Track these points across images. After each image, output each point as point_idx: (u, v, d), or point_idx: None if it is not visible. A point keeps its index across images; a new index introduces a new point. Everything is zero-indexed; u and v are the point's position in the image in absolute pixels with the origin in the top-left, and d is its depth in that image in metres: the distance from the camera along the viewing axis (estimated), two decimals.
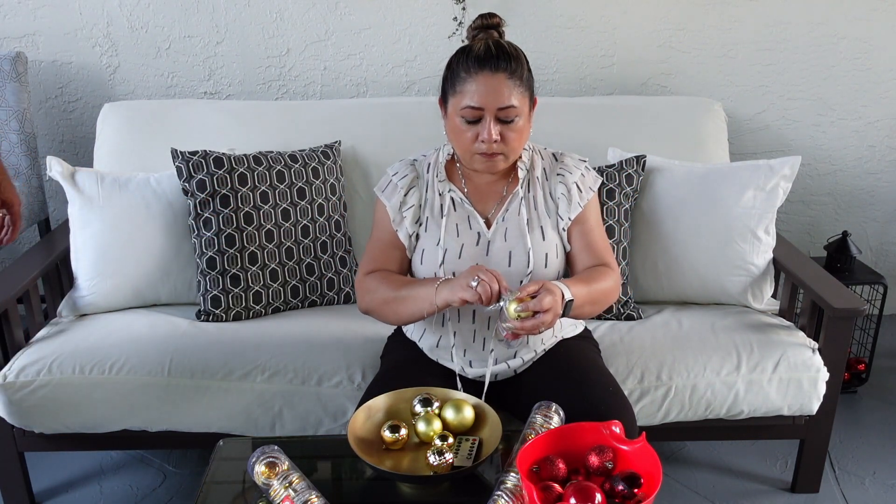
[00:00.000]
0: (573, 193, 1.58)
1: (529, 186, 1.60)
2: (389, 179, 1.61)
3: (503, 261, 1.55)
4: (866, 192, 2.76)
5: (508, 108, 1.44)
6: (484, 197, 1.60)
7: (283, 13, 2.50)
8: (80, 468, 2.11)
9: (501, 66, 1.44)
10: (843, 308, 1.79)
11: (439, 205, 1.58)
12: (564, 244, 1.60)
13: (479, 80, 1.43)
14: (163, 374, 1.77)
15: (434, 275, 1.55)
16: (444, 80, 1.51)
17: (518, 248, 1.55)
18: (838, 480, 2.07)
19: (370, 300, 1.58)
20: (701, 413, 1.84)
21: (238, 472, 1.38)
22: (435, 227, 1.57)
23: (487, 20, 1.51)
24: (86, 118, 2.60)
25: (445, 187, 1.59)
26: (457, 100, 1.47)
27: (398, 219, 1.59)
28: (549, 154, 1.64)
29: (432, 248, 1.56)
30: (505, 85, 1.44)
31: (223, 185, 1.97)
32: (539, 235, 1.56)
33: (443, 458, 1.28)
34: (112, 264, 1.97)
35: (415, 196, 1.59)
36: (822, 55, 2.58)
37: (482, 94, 1.43)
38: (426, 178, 1.61)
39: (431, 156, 1.64)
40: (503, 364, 1.60)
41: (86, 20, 2.49)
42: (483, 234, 1.57)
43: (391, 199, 1.59)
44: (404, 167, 1.62)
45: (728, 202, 2.00)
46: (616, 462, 1.19)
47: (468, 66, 1.45)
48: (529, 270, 1.53)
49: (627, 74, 2.60)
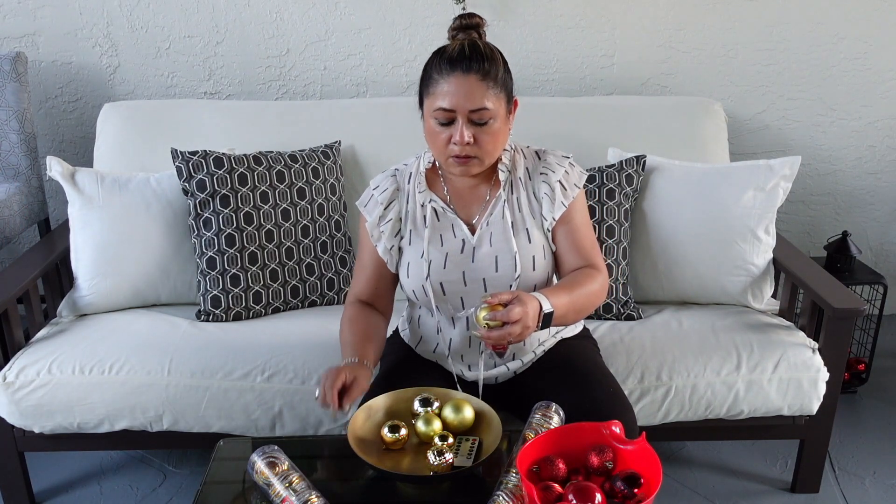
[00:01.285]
0: (557, 192, 1.52)
1: (512, 188, 1.55)
2: (371, 194, 1.59)
3: (489, 266, 1.52)
4: (866, 192, 2.76)
5: (481, 111, 1.40)
6: (467, 203, 1.56)
7: (283, 13, 2.50)
8: (80, 468, 2.11)
9: (474, 68, 1.40)
10: (843, 308, 1.79)
11: (421, 216, 1.55)
12: (551, 245, 1.56)
13: (450, 82, 1.40)
14: (163, 374, 1.77)
15: (421, 287, 1.53)
16: (420, 83, 1.48)
17: (504, 253, 1.51)
18: (838, 480, 2.07)
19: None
20: (701, 413, 1.84)
21: (238, 472, 1.38)
22: (418, 239, 1.54)
23: (467, 20, 1.48)
24: (86, 118, 2.60)
25: (426, 197, 1.55)
26: (430, 101, 1.43)
27: (376, 234, 1.56)
28: (532, 152, 1.59)
29: (417, 260, 1.53)
30: (477, 87, 1.40)
31: (223, 185, 1.97)
32: (525, 238, 1.52)
33: (443, 458, 1.28)
34: (112, 264, 1.97)
35: (394, 210, 1.56)
36: (822, 55, 2.58)
37: (453, 95, 1.40)
38: (406, 189, 1.57)
39: (412, 164, 1.60)
40: (502, 367, 1.60)
41: (86, 20, 2.49)
42: (468, 241, 1.53)
43: (371, 214, 1.57)
44: (385, 180, 1.59)
45: (728, 202, 2.00)
46: (616, 462, 1.19)
47: (440, 68, 1.42)
48: (517, 274, 1.50)
49: (627, 74, 2.60)
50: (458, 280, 1.52)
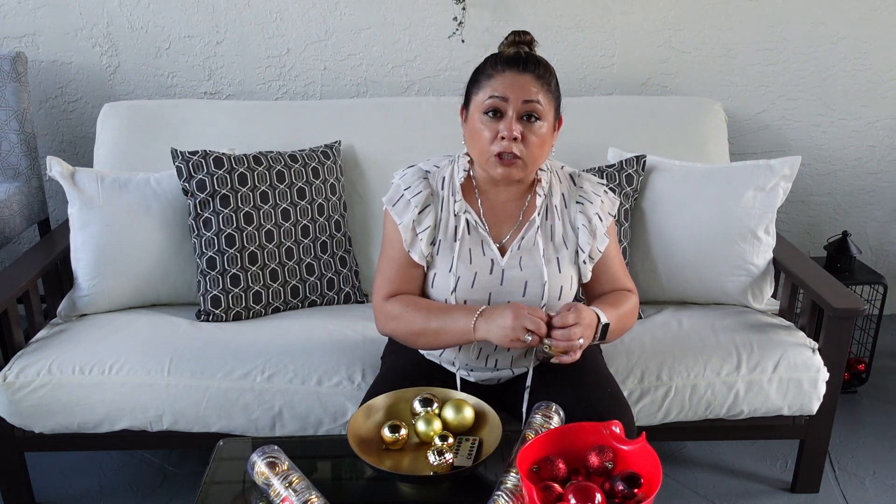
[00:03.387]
0: (595, 225, 1.53)
1: (547, 214, 1.54)
2: (401, 194, 1.53)
3: (517, 290, 1.50)
4: (866, 192, 2.76)
5: (533, 103, 1.41)
6: (499, 220, 1.54)
7: (283, 13, 2.50)
8: (80, 468, 2.11)
9: (530, 68, 1.42)
10: (843, 308, 1.79)
11: (454, 227, 1.52)
12: (581, 276, 1.56)
13: (505, 76, 1.41)
14: (163, 374, 1.77)
15: (445, 301, 1.51)
16: (470, 83, 1.48)
17: (534, 280, 1.50)
18: (838, 480, 2.07)
19: (394, 328, 1.53)
20: (701, 413, 1.84)
21: (238, 472, 1.38)
22: (448, 251, 1.51)
23: (520, 37, 1.47)
24: (86, 118, 2.60)
25: (462, 208, 1.51)
26: (481, 95, 1.43)
27: (411, 239, 1.51)
28: (567, 175, 1.59)
29: (444, 273, 1.51)
30: (532, 82, 1.41)
31: (223, 185, 1.97)
32: (555, 268, 1.51)
33: (443, 458, 1.28)
34: (112, 264, 1.97)
35: (430, 216, 1.51)
36: (822, 55, 2.58)
37: (508, 86, 1.41)
38: (441, 195, 1.53)
39: (445, 168, 1.56)
40: (507, 370, 1.60)
41: (86, 20, 2.49)
42: (497, 262, 1.51)
43: (403, 216, 1.51)
44: (417, 181, 1.53)
45: (728, 202, 2.00)
46: (616, 462, 1.19)
47: (496, 65, 1.43)
48: (543, 303, 1.49)
49: (627, 74, 2.60)
50: (482, 300, 1.51)
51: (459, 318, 1.45)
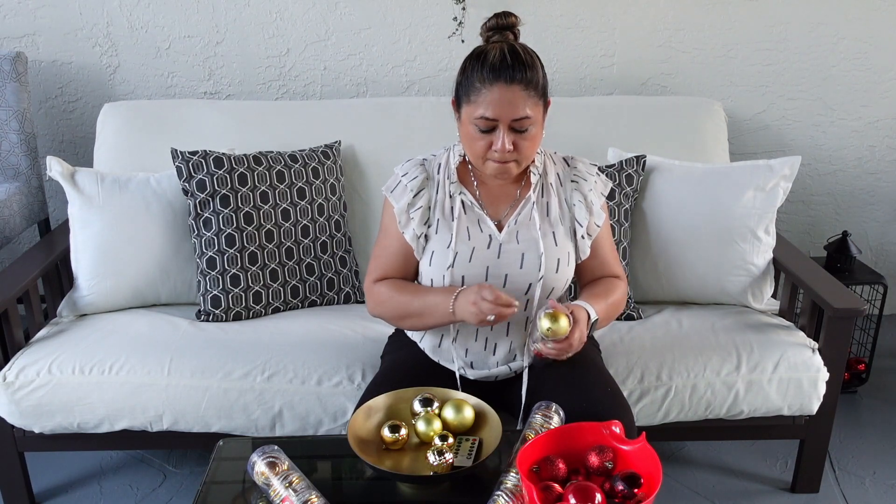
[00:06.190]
0: (591, 201, 1.57)
1: (543, 192, 1.58)
2: (399, 180, 1.58)
3: (515, 262, 1.53)
4: (866, 192, 2.76)
5: (523, 119, 1.42)
6: (496, 200, 1.58)
7: (283, 13, 2.50)
8: (80, 468, 2.11)
9: (517, 78, 1.41)
10: (843, 308, 1.79)
11: (450, 207, 1.56)
12: (579, 253, 1.59)
13: (493, 91, 1.41)
14: (163, 374, 1.77)
15: (442, 277, 1.54)
16: (458, 85, 1.48)
17: (531, 252, 1.53)
18: (838, 480, 2.07)
19: (382, 311, 1.59)
20: (701, 413, 1.84)
21: (238, 472, 1.38)
22: (446, 229, 1.55)
23: (503, 20, 1.47)
24: (86, 118, 2.60)
25: (457, 189, 1.56)
26: (471, 109, 1.44)
27: (404, 219, 1.56)
28: (561, 158, 1.62)
29: (442, 250, 1.54)
30: (520, 97, 1.41)
31: (223, 185, 1.97)
32: (552, 241, 1.54)
33: (443, 458, 1.28)
34: (112, 264, 1.97)
35: (424, 197, 1.56)
36: (822, 55, 2.58)
37: (497, 105, 1.41)
38: (436, 178, 1.58)
39: (441, 156, 1.61)
40: (504, 367, 1.60)
41: (86, 20, 2.49)
42: (494, 237, 1.54)
43: (399, 200, 1.56)
44: (414, 168, 1.58)
45: (728, 202, 2.00)
46: (616, 462, 1.19)
47: (483, 76, 1.42)
48: (541, 275, 1.52)
49: (627, 74, 2.60)
50: (480, 274, 1.53)
51: (440, 299, 1.49)
